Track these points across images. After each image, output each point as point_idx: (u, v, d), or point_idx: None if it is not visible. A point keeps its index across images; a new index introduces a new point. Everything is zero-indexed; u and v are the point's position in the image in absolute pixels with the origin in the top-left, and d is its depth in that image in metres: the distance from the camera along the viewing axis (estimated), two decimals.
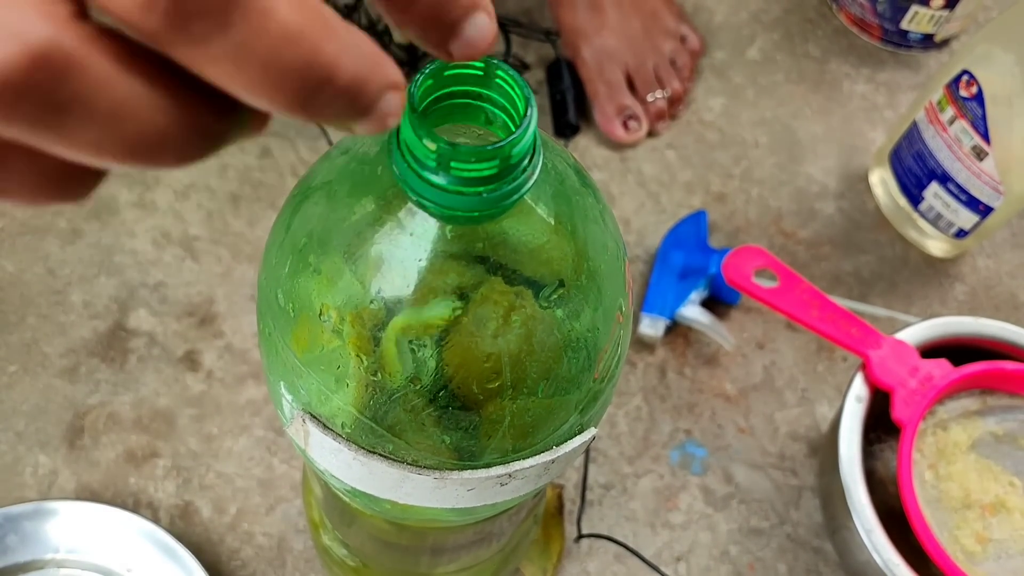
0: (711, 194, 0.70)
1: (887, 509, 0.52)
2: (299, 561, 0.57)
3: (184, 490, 0.58)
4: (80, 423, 0.60)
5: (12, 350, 0.61)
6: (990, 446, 0.53)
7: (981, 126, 0.58)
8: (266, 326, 0.32)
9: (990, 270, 0.69)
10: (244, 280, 0.64)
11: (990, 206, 0.61)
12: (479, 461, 0.30)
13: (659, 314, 0.63)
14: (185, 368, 0.61)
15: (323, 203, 0.29)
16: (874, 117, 0.74)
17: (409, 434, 0.30)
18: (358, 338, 0.29)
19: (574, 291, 0.30)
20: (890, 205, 0.69)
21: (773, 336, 0.65)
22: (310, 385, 0.30)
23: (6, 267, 0.64)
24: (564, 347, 0.30)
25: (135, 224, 0.66)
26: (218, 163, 0.68)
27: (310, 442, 0.31)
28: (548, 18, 0.75)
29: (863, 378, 0.54)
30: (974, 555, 0.51)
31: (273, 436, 0.60)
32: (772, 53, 0.76)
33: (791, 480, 0.61)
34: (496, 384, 0.29)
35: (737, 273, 0.59)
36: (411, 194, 0.26)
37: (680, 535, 0.59)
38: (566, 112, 0.71)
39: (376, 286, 0.28)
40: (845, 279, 0.68)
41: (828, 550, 0.59)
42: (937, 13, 0.72)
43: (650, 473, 0.61)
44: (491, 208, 0.26)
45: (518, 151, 0.25)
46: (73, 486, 0.58)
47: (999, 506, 0.52)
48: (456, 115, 0.27)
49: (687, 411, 0.62)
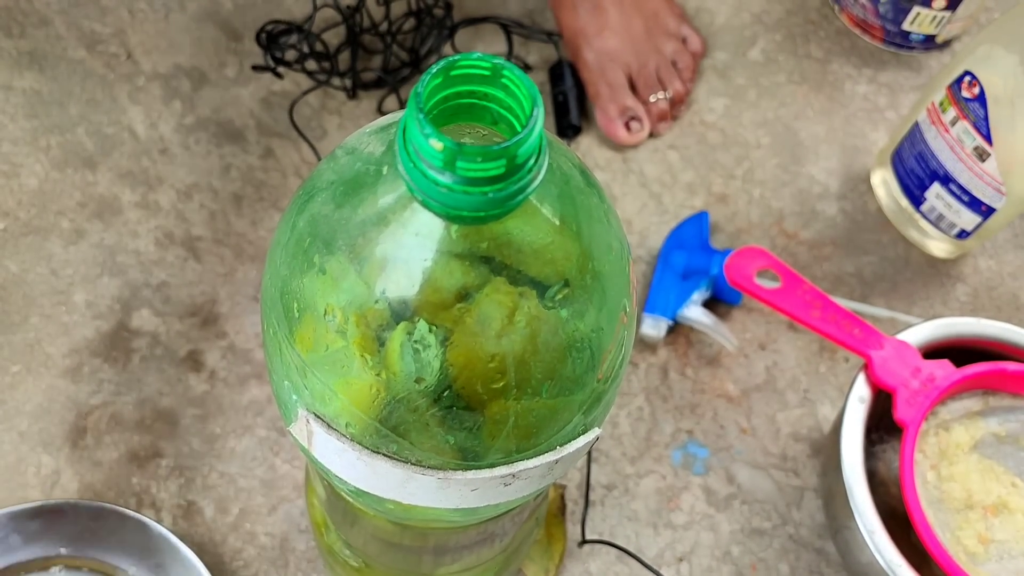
0: (713, 195, 0.70)
1: (889, 510, 0.52)
2: (302, 561, 0.57)
3: (187, 490, 0.58)
4: (83, 423, 0.60)
5: (15, 350, 0.61)
6: (992, 447, 0.53)
7: (983, 127, 0.58)
8: (271, 326, 0.32)
9: (992, 271, 0.69)
10: (247, 280, 0.64)
11: (992, 207, 0.61)
12: (483, 461, 0.30)
13: (661, 314, 0.63)
14: (188, 368, 0.61)
15: (328, 203, 0.29)
16: (876, 118, 0.74)
17: (413, 434, 0.30)
18: (363, 338, 0.29)
19: (579, 291, 0.30)
20: (892, 206, 0.69)
21: (775, 337, 0.65)
22: (314, 385, 0.30)
23: (9, 267, 0.64)
24: (568, 347, 0.30)
25: (138, 224, 0.66)
26: (221, 163, 0.68)
27: (314, 442, 0.31)
28: (550, 19, 0.75)
29: (865, 379, 0.54)
30: (976, 556, 0.51)
31: (276, 436, 0.60)
32: (774, 54, 0.76)
33: (793, 481, 0.61)
34: (500, 384, 0.29)
35: (739, 274, 0.59)
36: (416, 194, 0.26)
37: (682, 535, 0.59)
38: (568, 113, 0.71)
39: (381, 286, 0.28)
40: (847, 280, 0.68)
41: (830, 551, 0.59)
42: (939, 14, 0.72)
43: (652, 473, 0.61)
44: (496, 208, 0.26)
45: (524, 151, 0.25)
46: (76, 486, 0.58)
47: (1001, 507, 0.52)
48: (462, 115, 0.27)
49: (689, 411, 0.62)
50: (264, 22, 0.72)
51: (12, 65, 0.71)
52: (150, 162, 0.68)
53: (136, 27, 0.73)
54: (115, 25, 0.73)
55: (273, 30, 0.72)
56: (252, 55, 0.72)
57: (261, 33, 0.72)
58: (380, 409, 0.29)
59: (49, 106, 0.69)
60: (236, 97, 0.71)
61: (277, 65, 0.71)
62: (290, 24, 0.72)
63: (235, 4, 0.74)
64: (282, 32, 0.72)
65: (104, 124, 0.69)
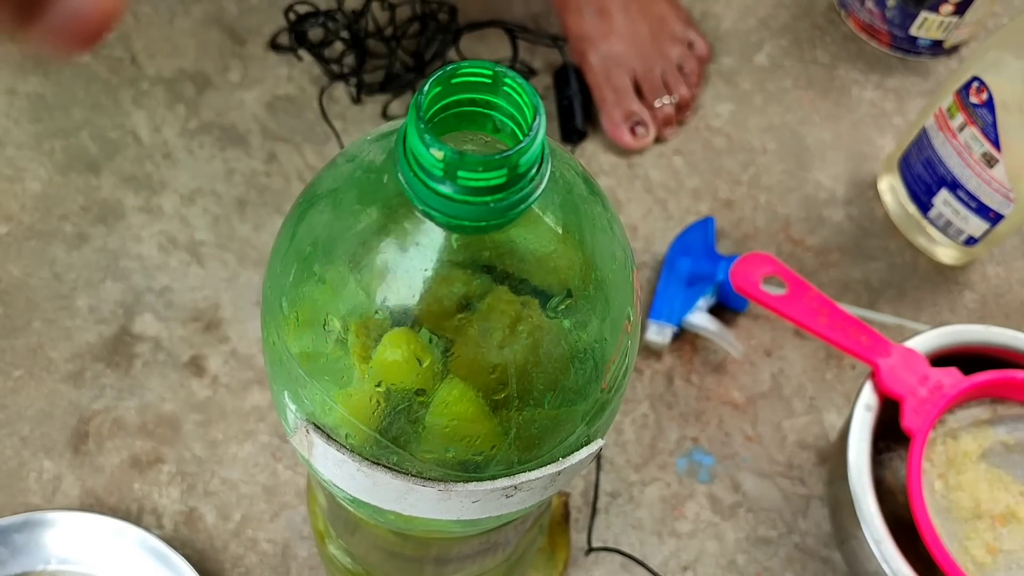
0: (719, 200, 0.70)
1: (896, 519, 0.52)
2: (303, 568, 0.56)
3: (188, 496, 0.58)
4: (85, 428, 0.59)
5: (18, 354, 0.61)
6: (1000, 455, 0.53)
7: (991, 133, 0.58)
8: (270, 335, 0.31)
9: (1000, 278, 0.69)
10: (250, 285, 0.64)
11: (1000, 213, 0.61)
12: (484, 473, 0.30)
13: (666, 321, 0.62)
14: (190, 373, 0.61)
15: (328, 211, 0.29)
16: (883, 123, 0.74)
17: (414, 445, 0.29)
18: (363, 348, 0.28)
19: (582, 301, 0.29)
20: (899, 212, 0.69)
21: (781, 343, 0.65)
22: (314, 395, 0.30)
23: (12, 272, 0.64)
24: (571, 357, 0.29)
25: (141, 229, 0.65)
26: (224, 168, 0.68)
27: (314, 453, 0.31)
28: (555, 24, 0.75)
29: (872, 386, 0.54)
30: (984, 566, 0.50)
31: (278, 442, 0.59)
32: (780, 59, 0.76)
33: (799, 489, 0.60)
34: (502, 395, 0.29)
35: (745, 280, 0.59)
36: (417, 203, 0.26)
37: (687, 544, 0.59)
38: (573, 118, 0.71)
39: (381, 296, 0.28)
40: (854, 286, 0.67)
41: (836, 560, 0.58)
42: (946, 19, 0.72)
43: (657, 481, 0.60)
44: (498, 218, 0.26)
45: (526, 160, 0.25)
46: (77, 492, 0.58)
47: (1010, 516, 0.51)
48: (463, 123, 0.27)
49: (694, 419, 0.62)
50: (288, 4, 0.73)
51: (16, 69, 0.70)
52: (153, 166, 0.68)
53: (140, 31, 0.73)
54: (119, 29, 0.72)
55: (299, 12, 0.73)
56: (256, 59, 0.72)
57: (288, 12, 0.72)
58: (380, 420, 0.29)
59: (53, 110, 0.69)
60: (240, 101, 0.70)
61: (299, 47, 0.71)
62: (316, 9, 0.72)
63: (239, 8, 0.74)
64: (309, 15, 0.72)
65: (108, 128, 0.69)
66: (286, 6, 0.73)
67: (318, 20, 0.72)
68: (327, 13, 0.72)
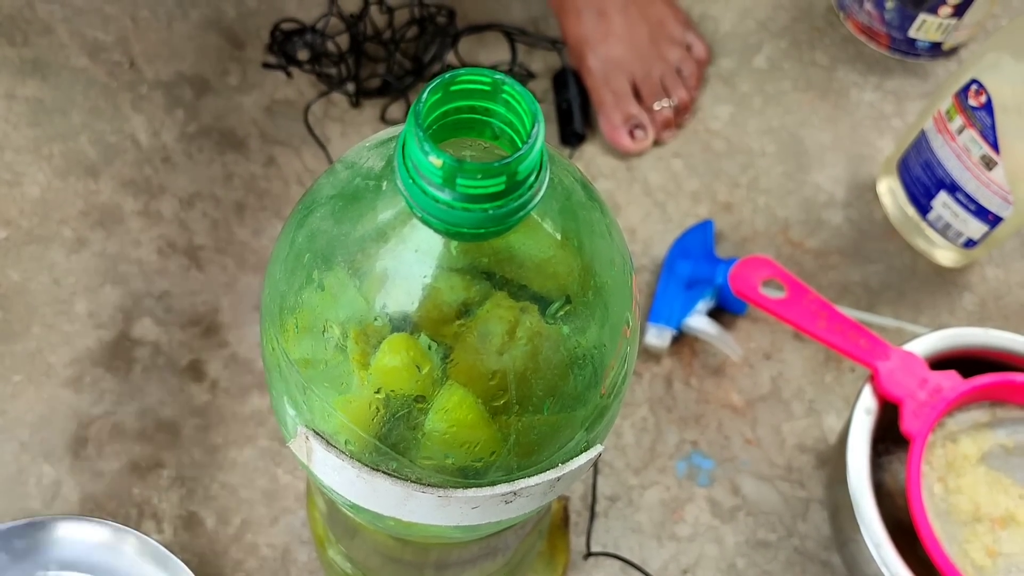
0: (718, 203, 0.70)
1: (896, 522, 0.52)
2: (303, 573, 0.56)
3: (188, 501, 0.58)
4: (84, 433, 0.59)
5: (17, 359, 0.61)
6: (1000, 458, 0.53)
7: (990, 135, 0.58)
8: (269, 341, 0.31)
9: (999, 280, 0.69)
10: (249, 289, 0.64)
11: (999, 216, 0.61)
12: (484, 479, 0.30)
13: (665, 324, 0.62)
14: (190, 378, 0.61)
15: (327, 218, 0.29)
16: (882, 126, 0.74)
17: (413, 452, 0.29)
18: (362, 355, 0.28)
19: (580, 307, 0.29)
20: (898, 214, 0.69)
21: (780, 346, 0.65)
22: (313, 401, 0.30)
23: (11, 276, 0.64)
24: (570, 363, 0.29)
25: (140, 233, 0.65)
26: (223, 172, 0.68)
27: (314, 459, 0.31)
28: (554, 27, 0.75)
29: (871, 390, 0.54)
30: (984, 569, 0.50)
31: (278, 447, 0.59)
32: (779, 61, 0.76)
33: (799, 492, 0.60)
34: (502, 401, 0.29)
35: (744, 283, 0.59)
36: (416, 210, 0.26)
37: (686, 548, 0.59)
38: (572, 121, 0.71)
39: (380, 302, 0.28)
40: (853, 289, 0.67)
41: (836, 563, 0.58)
42: (945, 21, 0.72)
43: (656, 485, 0.60)
44: (497, 224, 0.26)
45: (525, 168, 0.25)
46: (77, 497, 0.58)
47: (1009, 519, 0.51)
48: (462, 130, 0.27)
49: (694, 422, 0.62)
50: (275, 21, 0.72)
51: (15, 73, 0.70)
52: (152, 170, 0.68)
53: (139, 35, 0.73)
54: (118, 33, 0.73)
55: (285, 29, 0.72)
56: (255, 63, 0.72)
57: (275, 31, 0.72)
58: (379, 426, 0.29)
59: (52, 114, 0.69)
60: (239, 105, 0.70)
61: (289, 64, 0.71)
62: (303, 25, 0.72)
63: (238, 12, 0.74)
64: (294, 32, 0.72)
65: (107, 132, 0.69)
66: (275, 22, 0.72)
67: (304, 37, 0.71)
68: (313, 28, 0.71)
